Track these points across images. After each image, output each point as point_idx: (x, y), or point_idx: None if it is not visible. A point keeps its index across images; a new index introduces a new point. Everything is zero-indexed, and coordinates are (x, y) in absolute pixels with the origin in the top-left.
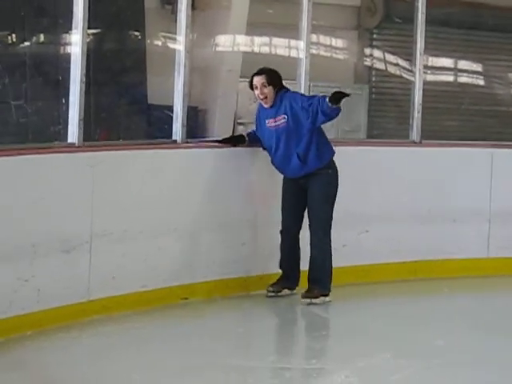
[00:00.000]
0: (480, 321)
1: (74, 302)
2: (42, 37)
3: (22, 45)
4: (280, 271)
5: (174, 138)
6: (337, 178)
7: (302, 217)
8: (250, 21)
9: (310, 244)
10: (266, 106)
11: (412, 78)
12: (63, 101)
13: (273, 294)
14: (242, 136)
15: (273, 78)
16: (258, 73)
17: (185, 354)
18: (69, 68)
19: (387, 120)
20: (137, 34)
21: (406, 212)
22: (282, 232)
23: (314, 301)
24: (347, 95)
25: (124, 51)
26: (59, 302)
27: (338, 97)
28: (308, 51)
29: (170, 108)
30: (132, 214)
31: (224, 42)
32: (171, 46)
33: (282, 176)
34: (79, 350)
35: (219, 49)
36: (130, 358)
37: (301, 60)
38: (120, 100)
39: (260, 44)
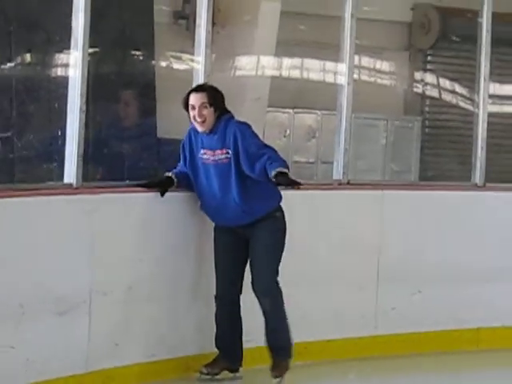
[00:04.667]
0: None
1: (69, 373)
2: (32, 56)
3: (7, 65)
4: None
5: None
6: (285, 222)
7: (242, 277)
8: (279, 39)
9: (261, 307)
10: (201, 130)
11: (474, 109)
12: (59, 133)
13: (207, 376)
14: (168, 178)
15: (216, 98)
16: (198, 90)
17: None
18: (66, 94)
19: (444, 159)
20: (144, 53)
21: (468, 269)
22: (216, 298)
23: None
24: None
25: (129, 74)
26: (51, 374)
27: (284, 182)
28: (351, 76)
29: None
30: (139, 268)
31: (248, 64)
32: (186, 68)
33: None
34: None
35: (241, 73)
36: None
37: (342, 87)
38: (125, 133)
39: (291, 67)
